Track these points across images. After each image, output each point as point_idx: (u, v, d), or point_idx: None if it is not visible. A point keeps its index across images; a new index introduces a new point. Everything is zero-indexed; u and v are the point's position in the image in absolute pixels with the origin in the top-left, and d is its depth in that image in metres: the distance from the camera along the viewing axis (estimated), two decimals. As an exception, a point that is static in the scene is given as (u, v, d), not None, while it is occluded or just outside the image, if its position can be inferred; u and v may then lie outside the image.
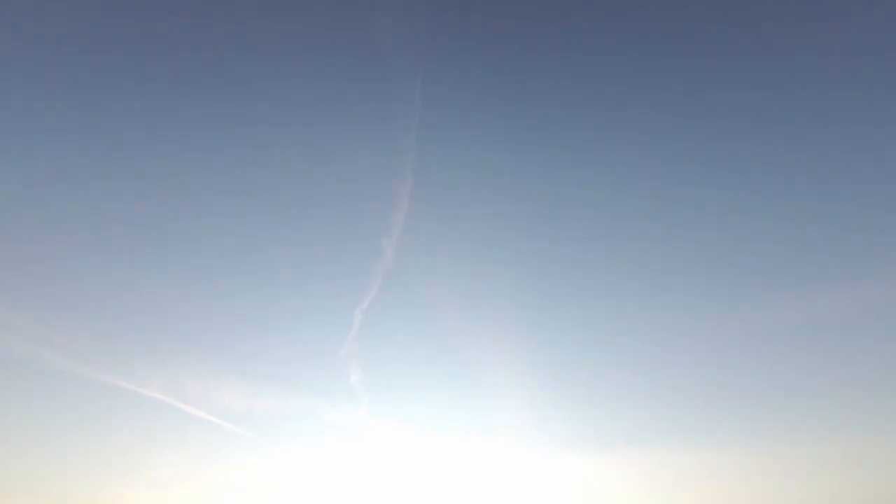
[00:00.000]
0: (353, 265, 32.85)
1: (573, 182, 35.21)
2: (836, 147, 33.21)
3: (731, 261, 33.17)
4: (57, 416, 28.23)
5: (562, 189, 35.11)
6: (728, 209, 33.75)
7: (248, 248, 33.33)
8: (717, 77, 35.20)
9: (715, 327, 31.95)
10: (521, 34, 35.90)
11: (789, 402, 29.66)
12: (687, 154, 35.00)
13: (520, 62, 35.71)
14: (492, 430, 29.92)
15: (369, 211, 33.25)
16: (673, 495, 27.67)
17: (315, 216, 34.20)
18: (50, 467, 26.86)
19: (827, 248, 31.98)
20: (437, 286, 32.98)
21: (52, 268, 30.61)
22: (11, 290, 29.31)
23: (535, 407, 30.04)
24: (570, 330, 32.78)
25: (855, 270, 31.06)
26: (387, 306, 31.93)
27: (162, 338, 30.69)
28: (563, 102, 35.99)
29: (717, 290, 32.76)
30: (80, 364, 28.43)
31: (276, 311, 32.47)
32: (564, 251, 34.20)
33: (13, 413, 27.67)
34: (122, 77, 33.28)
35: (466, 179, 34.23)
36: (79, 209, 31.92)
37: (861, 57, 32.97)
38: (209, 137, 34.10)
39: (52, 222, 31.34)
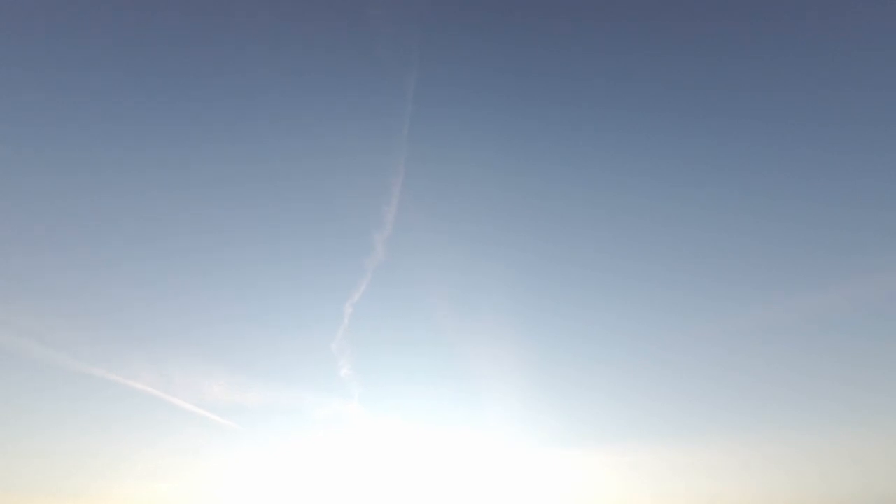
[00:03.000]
0: (343, 259, 33.03)
1: (564, 178, 35.43)
2: (829, 147, 33.54)
3: (720, 259, 33.38)
4: (46, 408, 28.35)
5: (553, 185, 35.33)
6: (719, 208, 33.99)
7: (240, 243, 33.50)
8: (708, 76, 35.49)
9: (706, 325, 32.15)
10: (514, 31, 36.15)
11: (780, 399, 29.81)
12: (679, 153, 35.25)
13: (512, 59, 35.98)
14: (481, 424, 30.07)
15: (361, 205, 33.42)
16: (664, 490, 27.79)
17: (306, 210, 34.38)
18: (39, 459, 26.92)
19: (818, 246, 32.21)
20: (427, 281, 33.14)
21: (43, 262, 30.69)
22: (2, 283, 29.38)
23: (524, 401, 30.18)
24: (559, 326, 32.97)
25: (845, 269, 31.30)
26: (377, 300, 32.10)
27: (152, 332, 30.86)
28: (556, 100, 36.25)
29: (708, 289, 32.96)
30: (70, 357, 28.56)
31: (267, 305, 32.63)
32: (555, 247, 34.40)
33: (2, 405, 27.69)
34: (111, 72, 33.45)
35: (458, 175, 34.44)
36: (68, 203, 32.07)
37: (853, 58, 33.27)
38: (200, 133, 34.32)
39: (43, 217, 31.46)
